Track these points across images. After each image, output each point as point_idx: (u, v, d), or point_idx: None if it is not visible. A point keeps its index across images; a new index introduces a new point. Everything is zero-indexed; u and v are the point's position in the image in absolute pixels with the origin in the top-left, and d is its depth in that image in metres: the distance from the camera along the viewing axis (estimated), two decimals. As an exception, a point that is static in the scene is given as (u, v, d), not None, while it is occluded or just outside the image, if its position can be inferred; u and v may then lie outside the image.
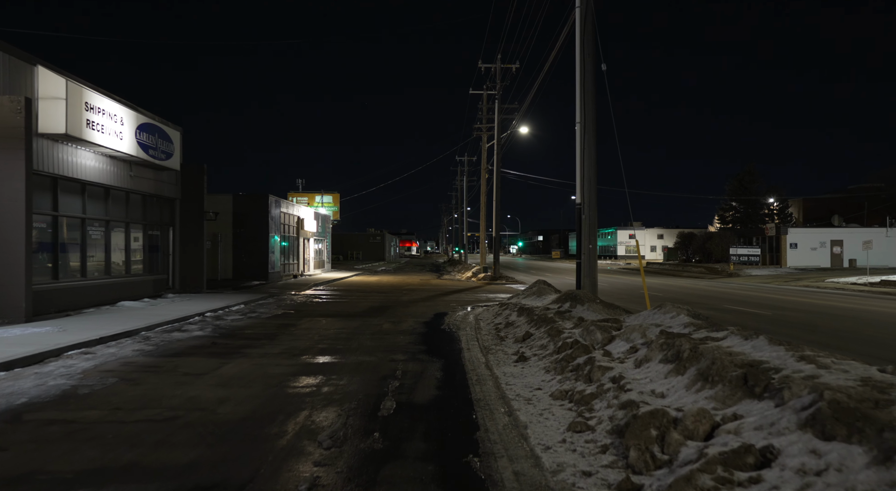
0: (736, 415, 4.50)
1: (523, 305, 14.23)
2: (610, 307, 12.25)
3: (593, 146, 14.49)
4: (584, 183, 14.47)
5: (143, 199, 18.71)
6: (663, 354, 6.53)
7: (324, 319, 15.13)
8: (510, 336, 11.83)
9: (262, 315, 15.81)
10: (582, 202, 14.51)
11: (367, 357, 9.83)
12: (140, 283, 18.10)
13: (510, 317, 13.74)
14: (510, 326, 12.72)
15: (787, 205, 68.95)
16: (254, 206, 30.35)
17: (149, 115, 17.67)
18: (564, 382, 7.26)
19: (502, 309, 15.52)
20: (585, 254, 14.47)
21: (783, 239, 51.08)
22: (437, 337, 12.25)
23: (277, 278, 31.38)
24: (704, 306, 19.41)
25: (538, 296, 15.00)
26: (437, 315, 16.39)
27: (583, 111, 14.45)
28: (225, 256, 29.95)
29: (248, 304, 18.19)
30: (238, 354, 9.87)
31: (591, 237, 14.50)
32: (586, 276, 14.43)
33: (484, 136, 44.31)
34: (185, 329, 12.65)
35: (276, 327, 13.45)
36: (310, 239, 40.26)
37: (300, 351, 10.36)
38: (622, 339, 8.16)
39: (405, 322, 14.68)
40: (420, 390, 7.50)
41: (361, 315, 16.24)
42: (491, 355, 10.05)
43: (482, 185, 45.46)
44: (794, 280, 37.74)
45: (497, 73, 36.49)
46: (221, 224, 29.89)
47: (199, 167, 21.11)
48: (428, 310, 17.84)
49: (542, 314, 11.93)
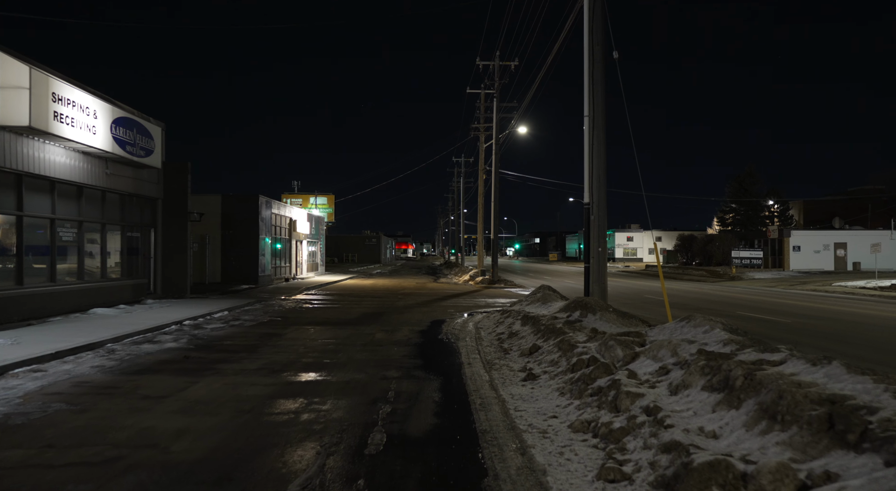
0: (829, 473, 3.43)
1: (528, 312, 13.16)
2: (625, 317, 11.18)
3: (603, 142, 13.45)
4: (593, 181, 13.42)
5: (122, 198, 17.59)
6: (706, 379, 5.46)
7: (312, 328, 14.04)
8: (515, 348, 10.76)
9: (246, 323, 14.70)
10: (590, 202, 13.46)
11: (356, 374, 8.75)
12: (117, 288, 16.97)
13: (514, 326, 12.68)
14: (514, 337, 11.65)
15: (788, 207, 68.07)
16: (243, 207, 29.23)
17: (126, 109, 16.55)
18: (585, 410, 6.19)
19: (504, 317, 14.46)
20: (595, 257, 13.41)
21: (786, 241, 50.15)
22: (434, 349, 11.18)
23: (268, 282, 30.25)
24: (716, 313, 18.36)
25: (543, 303, 13.93)
26: (434, 323, 15.31)
27: (591, 104, 13.40)
28: (213, 259, 28.81)
29: (232, 310, 17.08)
30: (211, 371, 8.77)
31: (601, 239, 13.45)
32: (595, 281, 13.38)
33: (481, 136, 43.28)
34: (157, 340, 11.53)
35: (258, 337, 12.35)
36: (303, 241, 39.14)
37: (282, 366, 9.26)
38: (648, 357, 7.09)
39: (400, 331, 13.61)
40: (415, 418, 6.43)
41: (353, 323, 15.15)
42: (495, 372, 8.98)
43: (479, 187, 44.41)
44: (799, 284, 36.77)
45: (495, 70, 35.47)
46: (209, 225, 28.77)
47: (183, 165, 19.99)
48: (424, 316, 16.77)
49: (550, 324, 10.86)
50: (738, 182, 69.03)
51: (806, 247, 49.90)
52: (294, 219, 36.41)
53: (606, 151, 13.50)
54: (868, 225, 58.66)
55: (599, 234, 13.44)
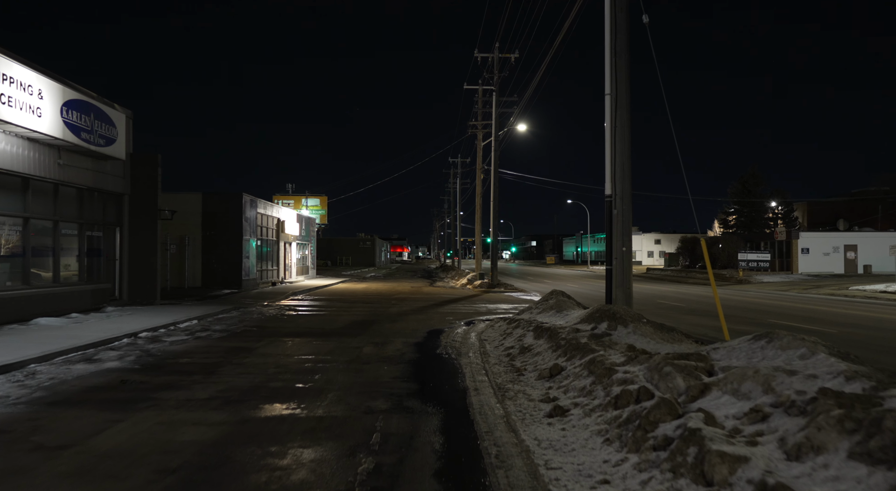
0: None
1: (541, 322, 11.27)
2: (663, 330, 9.29)
3: (627, 124, 11.59)
4: (616, 170, 11.56)
5: (80, 193, 15.64)
6: (850, 439, 3.59)
7: (290, 340, 12.13)
8: (530, 368, 8.88)
9: (215, 335, 12.77)
10: (613, 194, 11.59)
11: (334, 406, 6.86)
12: (73, 294, 15.01)
13: (525, 339, 10.79)
14: (528, 353, 9.77)
15: (793, 208, 66.44)
16: (226, 206, 27.29)
17: (82, 91, 14.62)
18: (651, 474, 4.30)
19: (512, 326, 12.57)
20: (618, 258, 11.53)
21: (794, 244, 48.42)
22: (431, 368, 9.29)
23: (253, 286, 28.30)
24: (745, 321, 16.53)
25: (557, 311, 12.05)
26: (431, 333, 13.43)
27: (614, 79, 11.55)
28: (193, 262, 26.86)
29: (203, 319, 15.14)
30: (147, 403, 6.86)
31: (625, 237, 11.58)
32: (619, 286, 11.49)
33: (479, 134, 41.43)
34: (97, 358, 9.59)
35: (224, 353, 10.43)
36: (292, 243, 37.20)
37: (241, 394, 7.36)
38: (725, 391, 5.22)
39: (392, 344, 11.71)
40: (407, 482, 4.54)
41: (339, 333, 13.25)
42: (510, 402, 7.09)
43: (477, 186, 42.53)
44: (813, 288, 34.99)
45: (495, 63, 33.65)
46: (189, 226, 26.83)
47: (152, 157, 18.05)
48: (420, 325, 14.88)
49: (572, 338, 8.98)
50: (742, 183, 67.34)
51: (815, 249, 48.18)
52: (282, 219, 34.48)
53: (632, 135, 11.65)
54: (878, 226, 57.00)
55: (623, 231, 11.57)
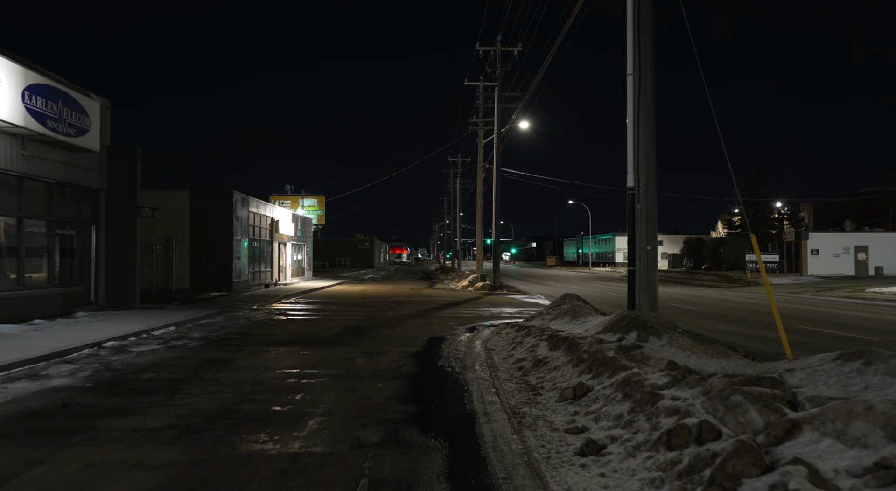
0: None
1: (555, 330, 9.99)
2: (703, 342, 8.00)
3: (651, 107, 10.33)
4: (639, 159, 10.29)
5: (48, 187, 14.36)
6: None
7: (275, 350, 10.85)
8: (547, 385, 7.60)
9: (191, 343, 11.48)
10: (636, 186, 10.32)
11: (315, 437, 5.59)
12: (39, 298, 13.73)
13: (538, 349, 9.51)
14: (543, 367, 8.49)
15: (799, 209, 65.18)
16: (216, 204, 26.00)
17: (48, 75, 13.34)
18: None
19: (521, 334, 11.29)
20: (642, 258, 10.25)
21: (803, 245, 47.15)
22: (432, 384, 8.02)
23: (244, 288, 27.00)
24: (773, 327, 15.24)
25: (573, 317, 10.76)
26: (432, 341, 12.15)
27: (637, 56, 10.28)
28: (181, 263, 25.56)
29: (182, 325, 13.85)
30: (84, 435, 5.59)
31: (650, 235, 10.31)
32: (643, 289, 10.21)
33: (480, 131, 40.18)
34: (46, 374, 8.30)
35: (196, 366, 9.15)
36: (286, 244, 35.91)
37: (203, 422, 6.08)
38: (825, 433, 3.94)
39: (388, 354, 10.44)
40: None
41: (330, 341, 11.97)
42: (529, 432, 5.82)
43: (478, 185, 41.25)
44: (826, 290, 33.71)
45: (497, 56, 32.41)
46: (177, 225, 25.55)
47: (131, 150, 16.76)
48: (419, 331, 13.61)
49: (596, 351, 7.70)
50: (747, 183, 66.05)
51: (825, 250, 46.92)
52: (276, 219, 33.19)
53: (656, 120, 10.38)
54: (889, 227, 55.74)
55: (648, 227, 10.29)
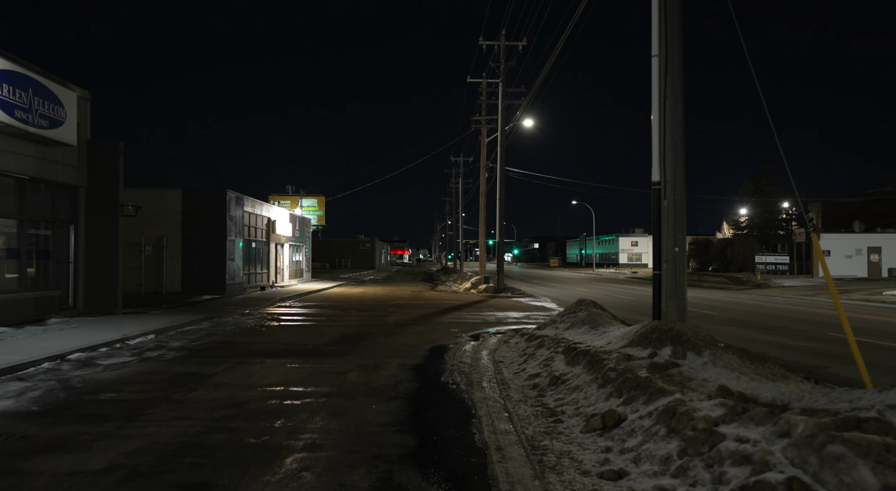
0: None
1: (573, 342, 8.89)
2: (751, 359, 6.89)
3: (679, 92, 9.24)
4: (666, 151, 9.20)
5: (19, 184, 13.32)
6: None
7: (260, 363, 9.78)
8: (569, 409, 6.52)
9: (168, 355, 10.40)
10: (662, 180, 9.23)
11: (289, 484, 4.52)
12: (9, 303, 12.67)
13: (554, 364, 8.42)
14: (561, 385, 7.40)
15: (808, 209, 63.96)
16: (209, 203, 24.94)
17: (17, 61, 12.29)
18: None
19: (533, 345, 10.20)
20: (670, 261, 9.16)
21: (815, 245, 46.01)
22: (435, 406, 6.95)
23: (238, 291, 25.94)
24: (803, 335, 14.17)
25: (591, 327, 9.66)
26: (434, 351, 11.08)
27: (663, 36, 9.19)
28: (172, 265, 24.50)
29: (163, 332, 12.78)
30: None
31: (678, 234, 9.21)
32: (671, 295, 9.11)
33: (483, 129, 39.11)
34: (-11, 394, 7.24)
35: (166, 384, 8.08)
36: (284, 244, 34.85)
37: (156, 461, 5.01)
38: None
39: (385, 367, 9.37)
40: None
41: (322, 352, 10.90)
42: (553, 476, 4.74)
43: (482, 184, 40.17)
44: (842, 293, 32.56)
45: (501, 51, 31.35)
46: (168, 225, 24.51)
47: (113, 144, 15.70)
48: (420, 340, 12.54)
49: (625, 369, 6.62)
50: (754, 183, 64.83)
51: (836, 251, 45.77)
52: (273, 219, 32.13)
53: (685, 107, 9.29)
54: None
55: (676, 226, 9.20)
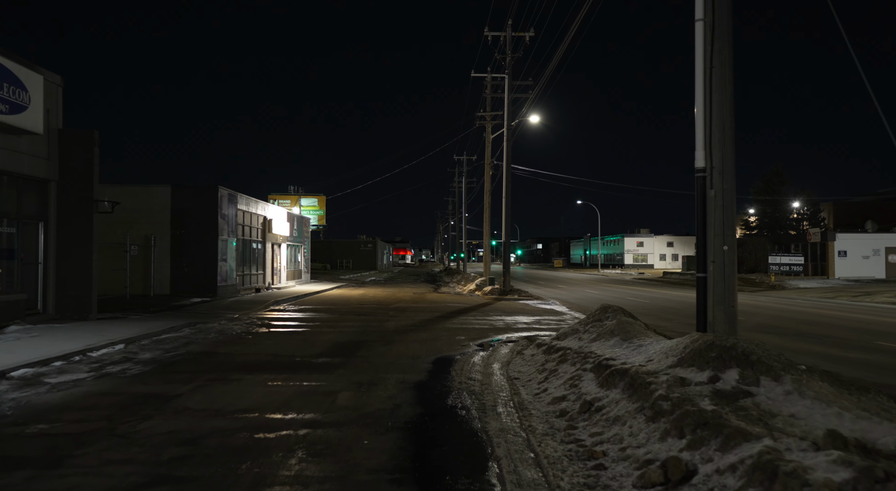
0: None
1: (602, 357, 7.49)
2: (849, 388, 5.48)
3: (729, 61, 7.85)
4: (714, 131, 7.81)
5: (-22, 175, 11.99)
6: None
7: (238, 379, 8.41)
8: (612, 449, 5.15)
9: (132, 369, 9.04)
10: (708, 167, 7.83)
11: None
12: (-37, 308, 11.34)
13: (583, 383, 7.03)
14: (596, 414, 6.02)
15: (820, 209, 62.48)
16: (199, 201, 23.60)
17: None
18: None
19: (553, 357, 8.82)
20: (717, 261, 7.76)
21: (830, 246, 44.55)
22: (442, 443, 5.57)
23: (231, 293, 24.60)
24: (851, 345, 12.77)
25: (623, 338, 8.26)
26: (438, 364, 9.72)
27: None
28: (160, 266, 23.17)
29: (134, 342, 11.42)
30: None
31: (727, 230, 7.82)
32: (719, 302, 7.71)
33: (488, 126, 37.78)
34: None
35: (117, 411, 6.72)
36: (281, 245, 33.51)
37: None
38: None
39: (382, 384, 8.01)
40: None
41: (311, 365, 9.54)
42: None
43: (486, 183, 38.81)
44: (863, 295, 31.17)
45: (507, 42, 29.98)
46: (156, 223, 23.18)
47: (87, 134, 14.35)
48: (422, 349, 11.18)
49: (682, 399, 5.24)
50: (765, 182, 63.44)
51: (853, 252, 44.31)
52: (269, 218, 30.80)
53: (735, 80, 7.91)
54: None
55: (725, 221, 7.80)
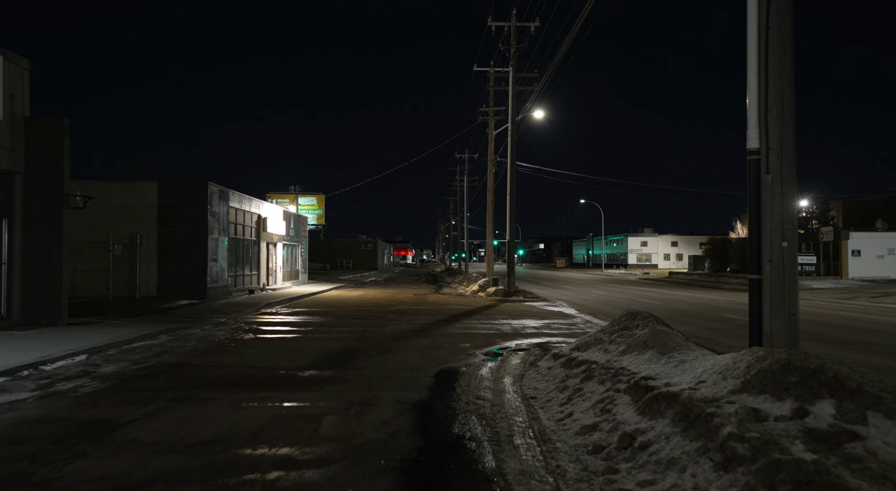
0: None
1: (638, 375, 6.23)
2: None
3: (789, 22, 6.59)
4: (771, 104, 6.55)
5: (-73, 165, 10.76)
6: None
7: (207, 400, 7.17)
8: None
9: (86, 388, 7.79)
10: (764, 147, 6.57)
11: None
12: None
13: (617, 408, 5.77)
14: (640, 452, 4.77)
15: (829, 207, 61.15)
16: (188, 198, 22.36)
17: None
18: None
19: (576, 373, 7.56)
20: (775, 260, 6.50)
21: (843, 245, 43.26)
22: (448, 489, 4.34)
23: (223, 294, 23.36)
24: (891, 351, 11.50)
25: (661, 352, 6.93)
26: (442, 378, 8.48)
27: (767, -56, 6.55)
28: (147, 266, 21.94)
29: (99, 351, 10.17)
30: None
31: (786, 222, 6.55)
32: (777, 309, 6.44)
33: (491, 121, 36.53)
34: None
35: (46, 445, 5.47)
36: (277, 244, 32.28)
37: None
38: None
39: (376, 406, 6.76)
40: None
41: (295, 380, 8.29)
42: None
43: (489, 180, 37.57)
44: (882, 296, 29.90)
45: (511, 33, 28.74)
46: (143, 222, 21.96)
47: (56, 122, 13.11)
48: (423, 359, 9.94)
49: (762, 441, 3.99)
50: (773, 180, 62.04)
51: (867, 251, 43.02)
52: (263, 216, 29.56)
53: (794, 46, 6.65)
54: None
55: (784, 210, 6.53)
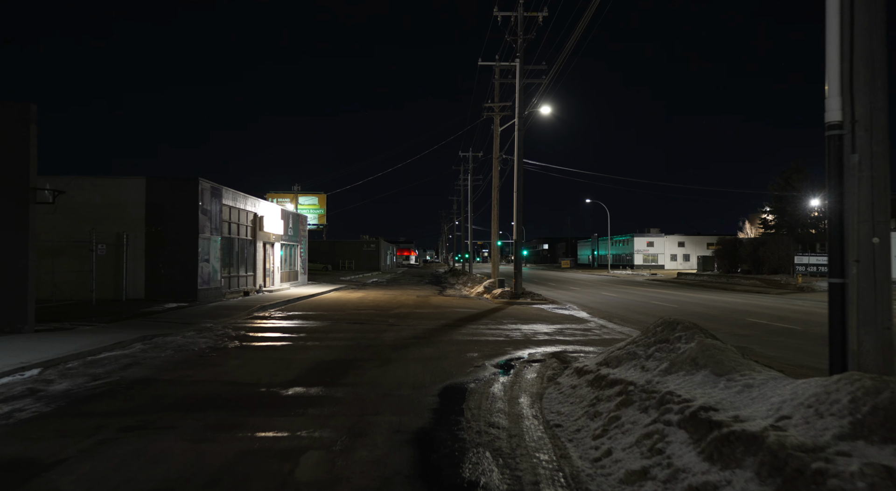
0: None
1: (695, 405, 4.96)
2: None
3: (880, -35, 5.31)
4: (858, 67, 5.28)
5: None
6: None
7: (165, 429, 5.92)
8: None
9: (23, 412, 6.53)
10: (848, 119, 5.30)
11: None
12: None
13: (671, 450, 4.51)
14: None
15: (842, 206, 59.76)
16: (178, 195, 21.15)
17: None
18: None
19: (607, 393, 6.30)
20: (863, 260, 5.21)
21: (860, 244, 41.79)
22: None
23: (215, 297, 22.13)
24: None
25: (716, 373, 5.64)
26: (447, 397, 7.22)
27: None
28: (134, 267, 20.72)
29: (58, 364, 8.92)
30: None
31: (877, 213, 5.26)
32: (867, 322, 5.14)
33: (496, 117, 35.24)
34: None
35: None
36: (274, 244, 31.06)
37: None
38: None
39: (367, 439, 5.51)
40: None
41: (275, 400, 7.04)
42: None
43: (494, 178, 36.26)
44: (907, 297, 28.52)
45: (518, 23, 27.47)
46: (129, 220, 20.75)
47: (20, 107, 11.86)
48: (426, 373, 8.69)
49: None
50: (784, 178, 60.81)
51: (886, 250, 41.55)
52: (260, 215, 28.33)
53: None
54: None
55: (874, 196, 5.25)
